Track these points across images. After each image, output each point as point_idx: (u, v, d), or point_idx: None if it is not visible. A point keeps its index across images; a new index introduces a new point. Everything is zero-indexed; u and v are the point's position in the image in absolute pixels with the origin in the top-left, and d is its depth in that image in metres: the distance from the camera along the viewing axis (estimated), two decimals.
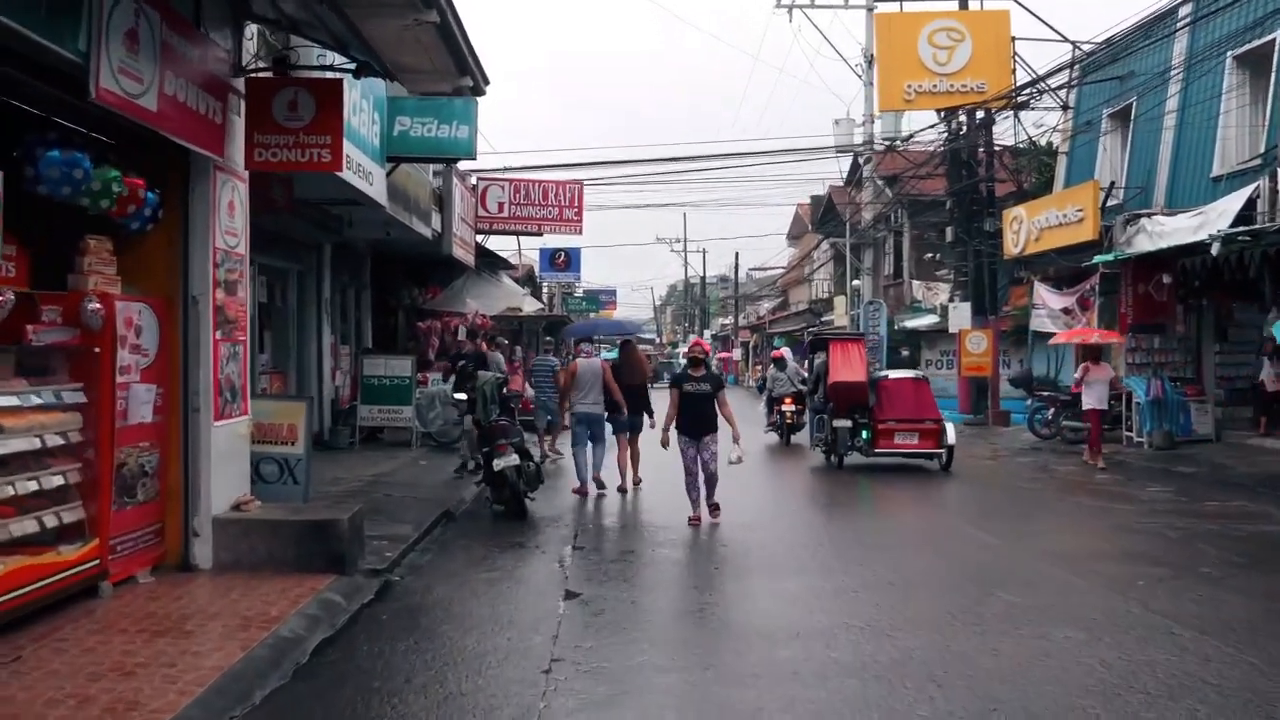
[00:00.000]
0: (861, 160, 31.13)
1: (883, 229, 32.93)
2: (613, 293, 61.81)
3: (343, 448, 14.35)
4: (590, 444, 11.29)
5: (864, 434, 13.59)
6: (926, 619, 5.83)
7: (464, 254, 17.17)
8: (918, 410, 13.73)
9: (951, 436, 13.52)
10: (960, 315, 22.68)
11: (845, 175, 40.55)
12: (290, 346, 14.08)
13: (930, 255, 23.90)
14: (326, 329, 14.94)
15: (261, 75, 7.15)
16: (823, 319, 40.76)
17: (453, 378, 14.81)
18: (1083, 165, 20.17)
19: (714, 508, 9.16)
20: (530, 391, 27.06)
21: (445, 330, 18.64)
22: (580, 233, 19.48)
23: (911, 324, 31.45)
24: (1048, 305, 19.10)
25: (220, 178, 6.79)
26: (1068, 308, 18.37)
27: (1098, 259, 16.40)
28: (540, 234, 19.60)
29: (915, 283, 32.14)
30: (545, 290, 44.75)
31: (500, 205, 19.15)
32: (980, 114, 21.89)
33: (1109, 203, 17.60)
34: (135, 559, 6.31)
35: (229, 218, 6.96)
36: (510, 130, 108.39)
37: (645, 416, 11.37)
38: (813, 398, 15.77)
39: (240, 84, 6.99)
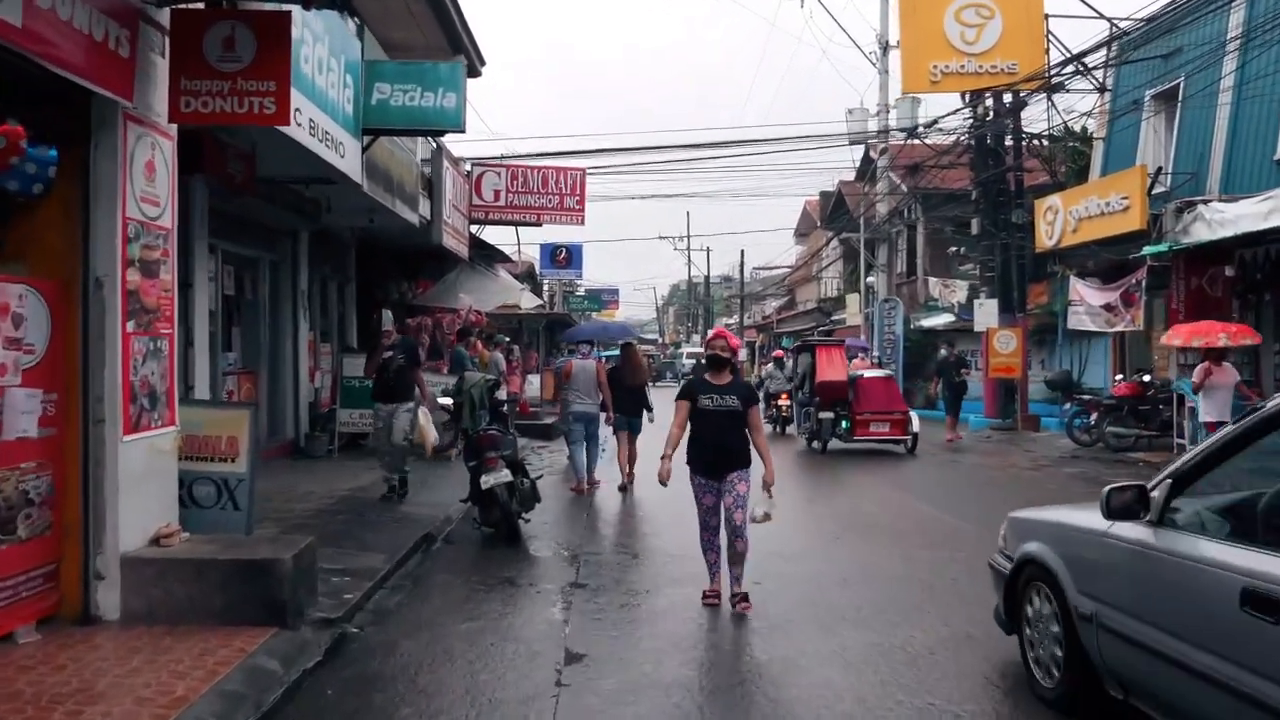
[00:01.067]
0: (876, 153, 29.79)
1: (897, 224, 31.57)
2: (615, 292, 60.64)
3: (320, 456, 12.99)
4: (585, 442, 11.63)
5: (844, 424, 15.75)
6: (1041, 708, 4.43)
7: (456, 244, 15.80)
8: (888, 403, 16.08)
9: (916, 425, 15.81)
10: (987, 313, 21.30)
11: (857, 168, 39.36)
12: (262, 344, 12.72)
13: (955, 249, 22.53)
14: (304, 324, 13.58)
15: (190, 6, 5.78)
16: (832, 318, 39.43)
17: (440, 381, 13.52)
18: (1122, 151, 18.78)
19: (739, 598, 6.07)
20: (529, 393, 25.79)
21: (437, 327, 17.28)
22: (582, 223, 18.14)
23: (928, 323, 30.11)
24: (1086, 301, 17.73)
25: (133, 130, 5.42)
26: (1110, 304, 16.98)
27: (1148, 250, 15.04)
28: (539, 224, 18.23)
29: (932, 280, 30.80)
30: (546, 288, 43.44)
31: (496, 193, 17.77)
32: (1008, 97, 20.55)
33: (1154, 190, 16.23)
34: (16, 611, 4.94)
35: (147, 181, 5.58)
36: (509, 122, 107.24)
37: (645, 414, 11.98)
38: (799, 393, 18.00)
39: (164, 17, 5.62)
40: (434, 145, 14.60)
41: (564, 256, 38.84)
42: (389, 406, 9.90)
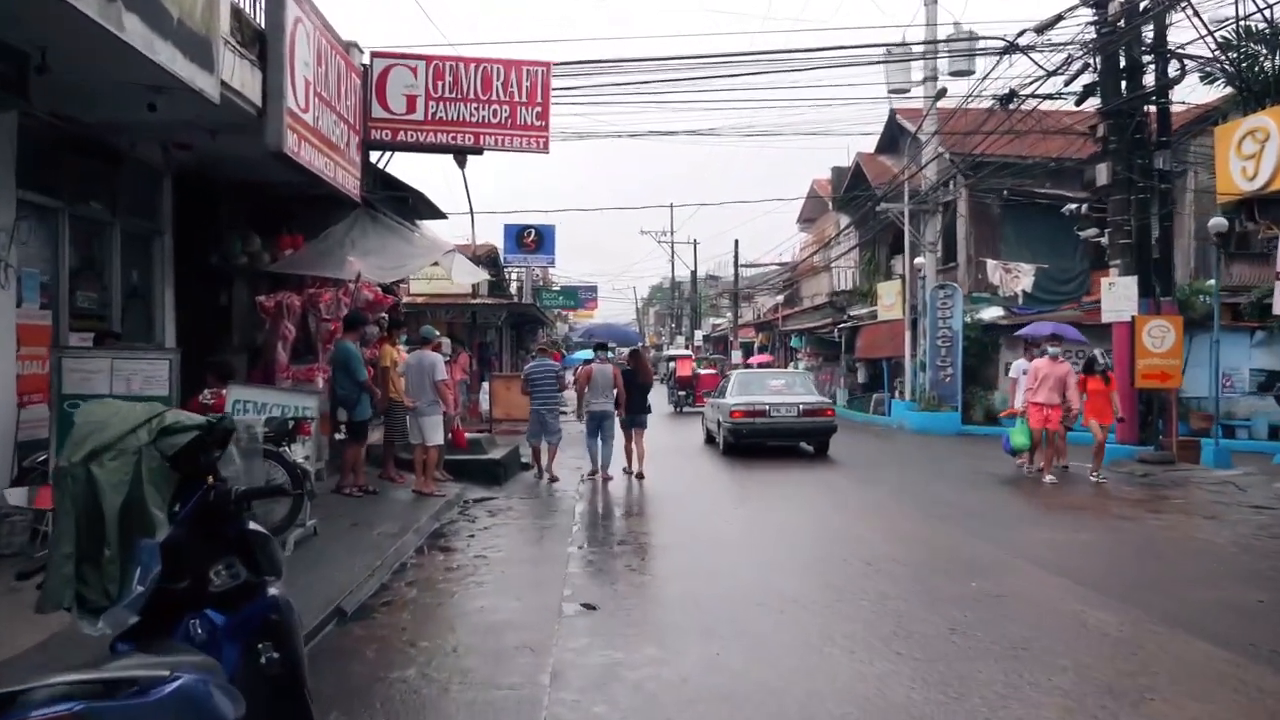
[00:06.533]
0: (924, 107, 23.57)
1: (948, 193, 25.32)
2: (593, 289, 54.84)
3: (11, 553, 6.46)
4: (600, 439, 12.62)
5: (689, 397, 29.08)
6: None
7: (330, 168, 9.34)
8: (712, 385, 23.78)
9: None
10: (1122, 296, 15.06)
11: (880, 136, 33.14)
12: None
13: (1074, 207, 16.27)
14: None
15: None
16: (850, 312, 33.13)
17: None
18: None
19: None
20: (481, 399, 19.36)
21: (311, 310, 10.79)
22: (546, 148, 11.60)
23: (989, 316, 23.96)
24: None
25: None
26: None
27: None
28: (479, 149, 11.68)
29: (990, 263, 24.60)
30: (515, 279, 36.95)
31: (411, 100, 11.27)
32: None
33: None
34: None
35: None
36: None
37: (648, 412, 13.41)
38: (669, 381, 33.23)
39: None
40: None
41: (533, 239, 32.35)
42: None
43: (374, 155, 11.68)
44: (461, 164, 14.38)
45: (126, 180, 9.38)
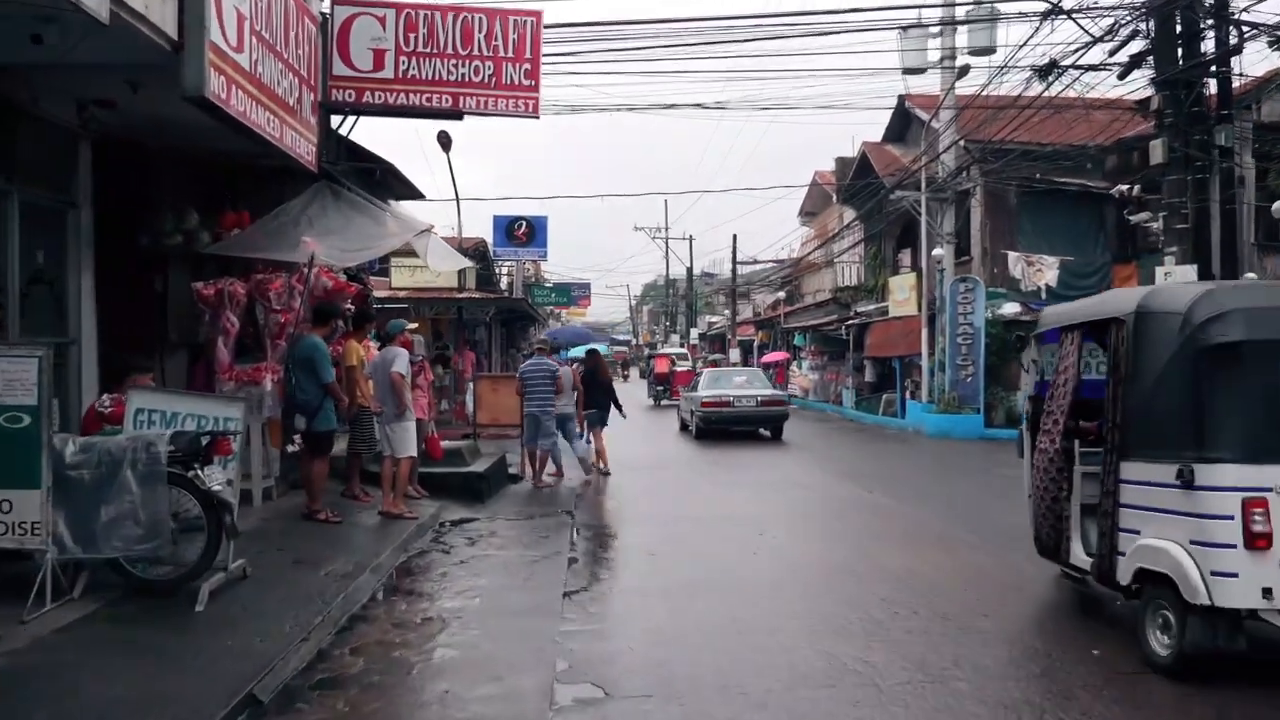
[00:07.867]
0: (941, 90, 21.99)
1: (966, 181, 23.73)
2: (586, 286, 53.33)
3: None
4: (564, 439, 12.32)
5: (666, 392, 31.88)
6: None
7: (266, 119, 7.69)
8: (687, 382, 25.43)
9: None
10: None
11: (888, 125, 31.58)
12: None
13: (1126, 187, 14.76)
14: None
15: None
16: (856, 309, 31.59)
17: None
18: None
19: None
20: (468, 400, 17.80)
21: (259, 299, 9.16)
22: (535, 111, 9.95)
23: (1010, 311, 22.47)
24: None
25: None
26: None
27: None
28: (459, 114, 10.04)
29: (1011, 256, 23.04)
30: (506, 274, 35.36)
31: (379, 56, 9.65)
32: None
33: None
34: None
35: None
36: None
37: (616, 410, 13.90)
38: (649, 376, 37.08)
39: None
40: None
41: (524, 231, 30.83)
42: None
43: (336, 122, 10.04)
44: (445, 146, 12.81)
45: (28, 142, 7.73)
